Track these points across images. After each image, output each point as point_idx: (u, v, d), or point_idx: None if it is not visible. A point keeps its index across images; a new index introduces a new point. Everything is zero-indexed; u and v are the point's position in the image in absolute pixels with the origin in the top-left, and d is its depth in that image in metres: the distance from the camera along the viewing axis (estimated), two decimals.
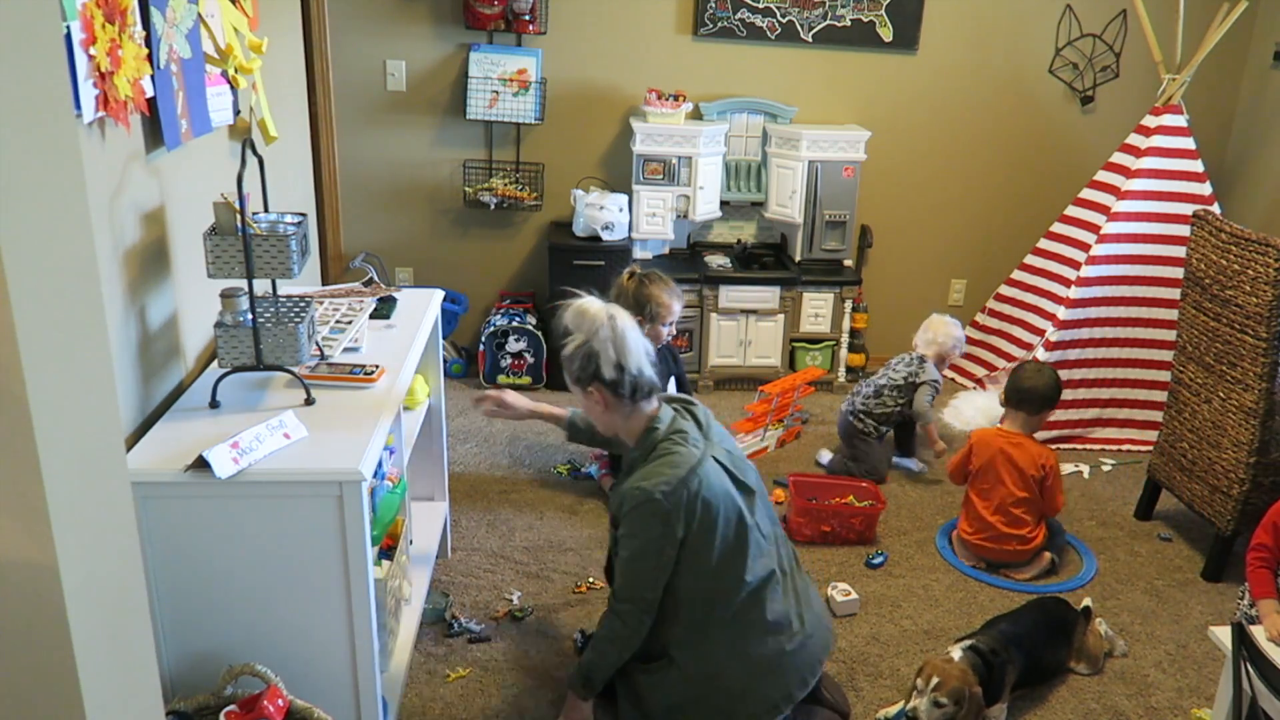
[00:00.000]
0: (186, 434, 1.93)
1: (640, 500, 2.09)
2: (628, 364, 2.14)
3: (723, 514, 2.12)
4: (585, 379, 2.17)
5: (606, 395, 2.17)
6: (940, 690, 2.27)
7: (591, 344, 2.14)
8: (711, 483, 2.12)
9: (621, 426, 2.22)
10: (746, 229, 4.60)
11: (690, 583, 2.15)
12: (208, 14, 2.23)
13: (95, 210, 1.78)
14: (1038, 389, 3.16)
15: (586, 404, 2.24)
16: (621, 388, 2.15)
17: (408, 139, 4.30)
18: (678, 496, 2.07)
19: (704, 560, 2.13)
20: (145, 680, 1.31)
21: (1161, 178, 3.99)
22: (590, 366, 2.15)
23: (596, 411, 2.23)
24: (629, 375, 2.14)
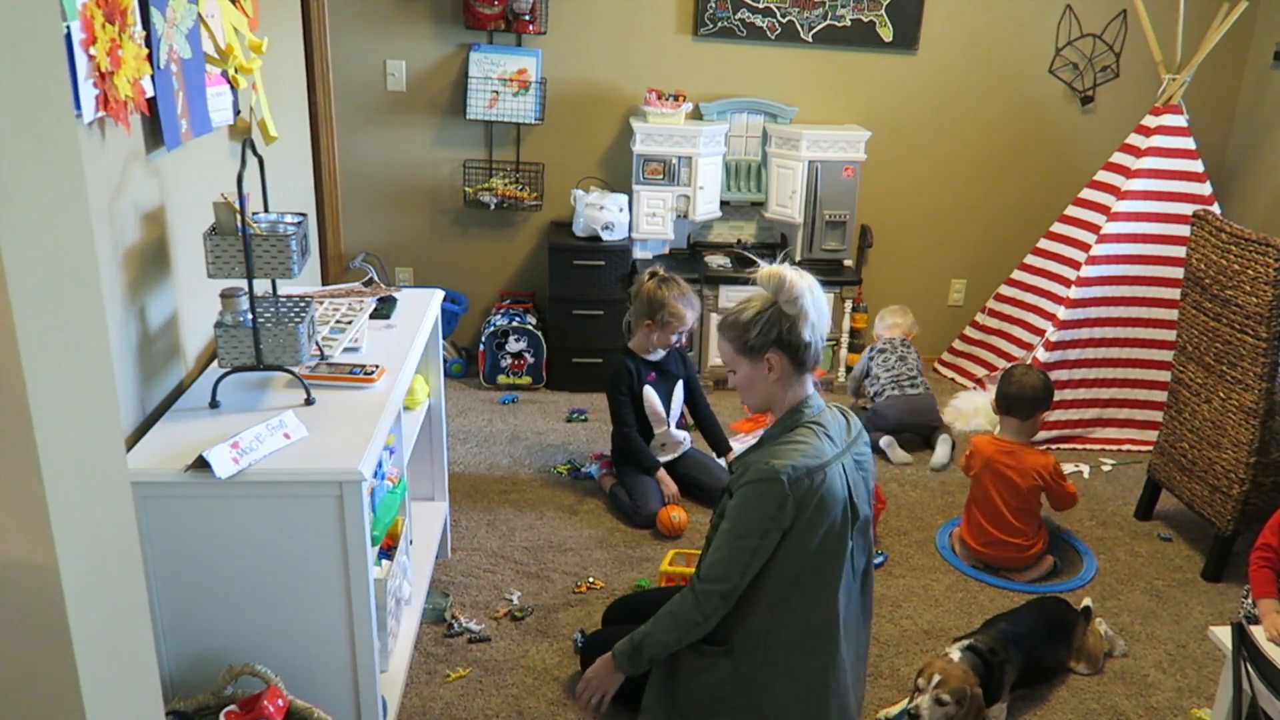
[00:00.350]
0: (186, 434, 1.93)
1: (764, 475, 1.98)
2: (818, 330, 2.07)
3: (829, 521, 2.02)
4: (764, 345, 2.06)
5: (785, 363, 2.07)
6: (942, 688, 2.27)
7: (784, 307, 2.04)
8: (834, 486, 2.02)
9: (780, 399, 2.12)
10: (746, 229, 4.60)
11: (778, 576, 2.04)
12: (208, 14, 2.23)
13: (95, 210, 1.78)
14: (1025, 393, 3.13)
15: (749, 375, 2.12)
16: (807, 355, 2.07)
17: (408, 139, 4.30)
18: (801, 485, 1.97)
19: (798, 559, 2.02)
20: (145, 680, 1.31)
21: (1161, 178, 3.99)
22: (773, 331, 2.05)
23: (761, 382, 2.11)
24: (816, 343, 2.08)
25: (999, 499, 3.08)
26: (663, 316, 3.27)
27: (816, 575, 2.05)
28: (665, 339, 3.33)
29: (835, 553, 2.05)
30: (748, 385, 2.15)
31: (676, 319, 3.28)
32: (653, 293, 3.28)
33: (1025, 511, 3.08)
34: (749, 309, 2.09)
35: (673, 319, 3.28)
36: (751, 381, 2.13)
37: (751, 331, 2.07)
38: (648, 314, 3.31)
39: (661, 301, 3.27)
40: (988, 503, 3.10)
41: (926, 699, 2.27)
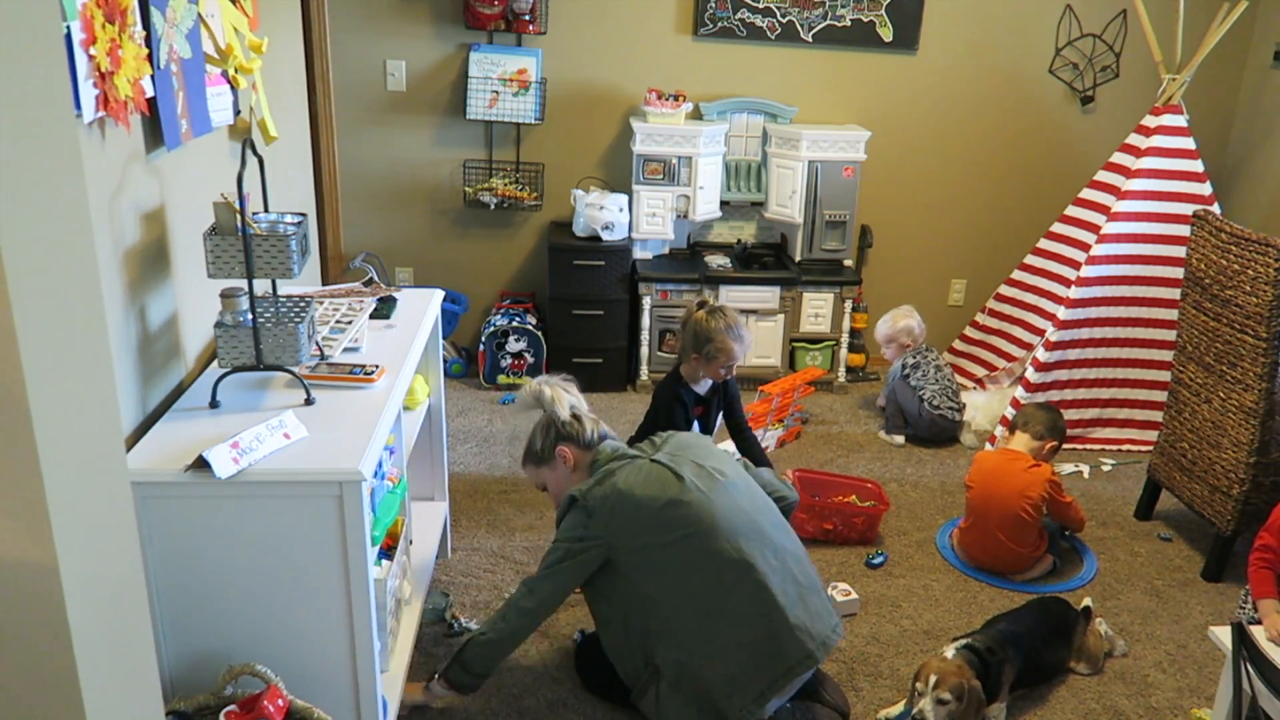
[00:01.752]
0: (186, 434, 1.93)
1: (566, 504, 2.30)
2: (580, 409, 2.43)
3: (652, 507, 2.21)
4: (550, 446, 2.40)
5: (574, 450, 2.39)
6: (941, 688, 2.28)
7: (544, 409, 2.41)
8: (633, 481, 2.25)
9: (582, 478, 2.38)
10: (746, 229, 4.60)
11: (644, 588, 2.23)
12: (208, 14, 2.23)
13: (95, 210, 1.78)
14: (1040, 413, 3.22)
15: (554, 478, 2.43)
16: (583, 435, 2.40)
17: (408, 139, 4.30)
18: (594, 494, 2.24)
19: (647, 562, 2.22)
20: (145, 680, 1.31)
21: (1161, 178, 3.99)
22: (551, 432, 2.41)
23: (565, 479, 2.41)
24: (585, 420, 2.41)
25: (993, 520, 3.06)
26: (709, 351, 3.07)
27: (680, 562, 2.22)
28: (714, 372, 3.12)
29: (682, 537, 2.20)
30: (560, 486, 2.43)
31: (724, 354, 3.07)
32: (701, 324, 3.07)
33: (1023, 525, 3.05)
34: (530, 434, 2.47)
35: (719, 354, 3.07)
36: (560, 481, 2.43)
37: (536, 443, 2.44)
38: (695, 347, 3.10)
39: (708, 336, 3.06)
40: (989, 511, 3.08)
41: (928, 701, 2.27)
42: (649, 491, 2.22)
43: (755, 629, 2.20)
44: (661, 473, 2.26)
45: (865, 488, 3.39)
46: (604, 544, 2.22)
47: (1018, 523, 3.03)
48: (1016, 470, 3.08)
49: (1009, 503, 3.03)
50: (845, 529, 3.25)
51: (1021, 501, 3.02)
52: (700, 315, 3.09)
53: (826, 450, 3.93)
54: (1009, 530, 3.04)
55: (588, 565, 2.25)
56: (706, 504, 2.23)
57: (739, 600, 2.20)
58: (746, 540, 2.24)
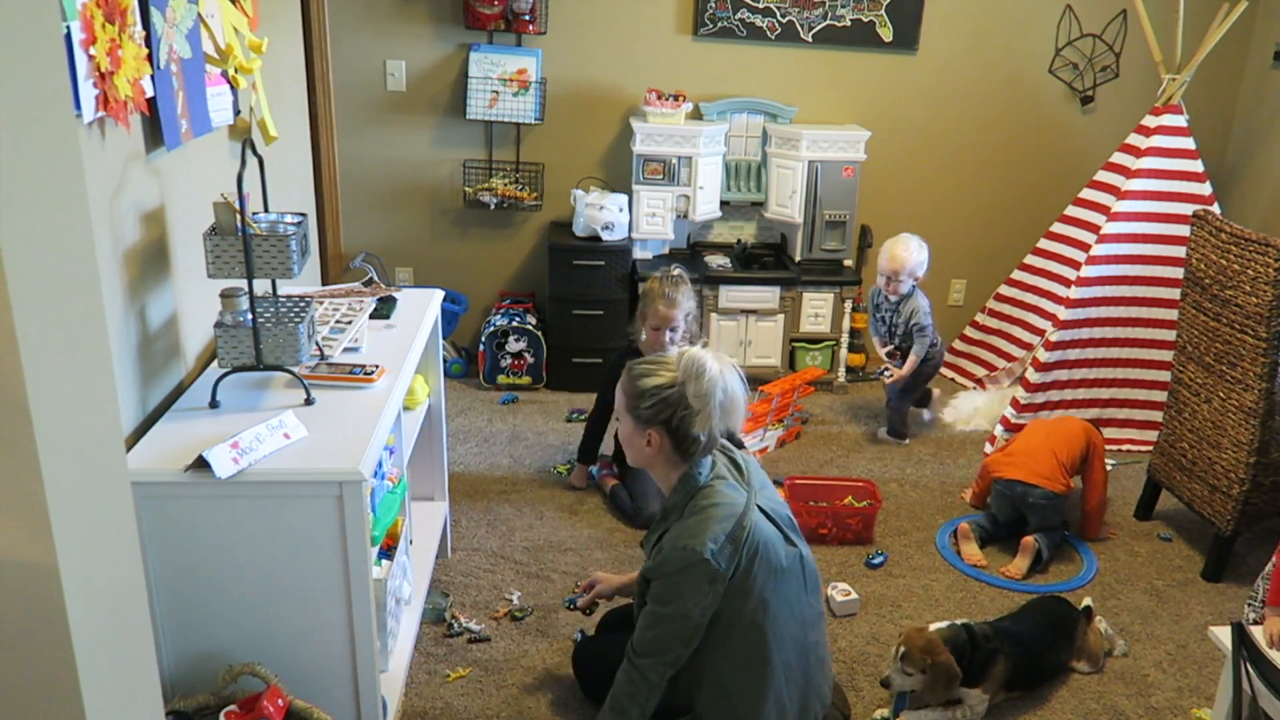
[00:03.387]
0: (186, 434, 1.93)
1: (688, 563, 1.93)
2: (714, 428, 2.02)
3: (766, 560, 1.98)
4: (650, 420, 2.02)
5: (667, 446, 2.03)
6: (907, 661, 2.37)
7: (688, 396, 1.98)
8: (761, 529, 1.99)
9: (661, 473, 2.10)
10: (746, 229, 4.60)
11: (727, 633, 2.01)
12: (208, 14, 2.23)
13: (95, 210, 1.78)
14: None
15: (630, 434, 2.08)
16: (694, 448, 2.02)
17: (408, 139, 4.30)
18: (726, 554, 1.93)
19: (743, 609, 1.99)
20: (145, 680, 1.31)
21: (1161, 178, 3.99)
22: (665, 413, 2.00)
23: (639, 447, 2.07)
24: (708, 438, 2.02)
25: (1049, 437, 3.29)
26: (642, 309, 3.23)
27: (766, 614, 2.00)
28: (654, 337, 3.19)
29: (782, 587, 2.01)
30: (627, 440, 2.11)
31: (653, 315, 3.18)
32: (648, 289, 3.23)
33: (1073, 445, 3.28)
34: (655, 377, 2.02)
35: (650, 315, 3.19)
36: (630, 440, 2.09)
37: (644, 401, 2.02)
38: (640, 311, 3.29)
39: (645, 295, 3.21)
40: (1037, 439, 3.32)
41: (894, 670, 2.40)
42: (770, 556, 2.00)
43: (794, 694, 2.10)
44: (771, 528, 2.04)
45: (859, 488, 3.39)
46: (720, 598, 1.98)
47: (1071, 439, 3.28)
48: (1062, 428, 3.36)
49: (1069, 426, 3.34)
50: (841, 530, 3.25)
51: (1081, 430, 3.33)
52: (652, 283, 3.20)
53: (826, 450, 3.93)
54: (1061, 443, 3.26)
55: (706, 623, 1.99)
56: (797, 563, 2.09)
57: (787, 662, 2.07)
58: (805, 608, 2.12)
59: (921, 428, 4.16)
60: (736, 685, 2.04)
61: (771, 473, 3.67)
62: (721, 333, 4.34)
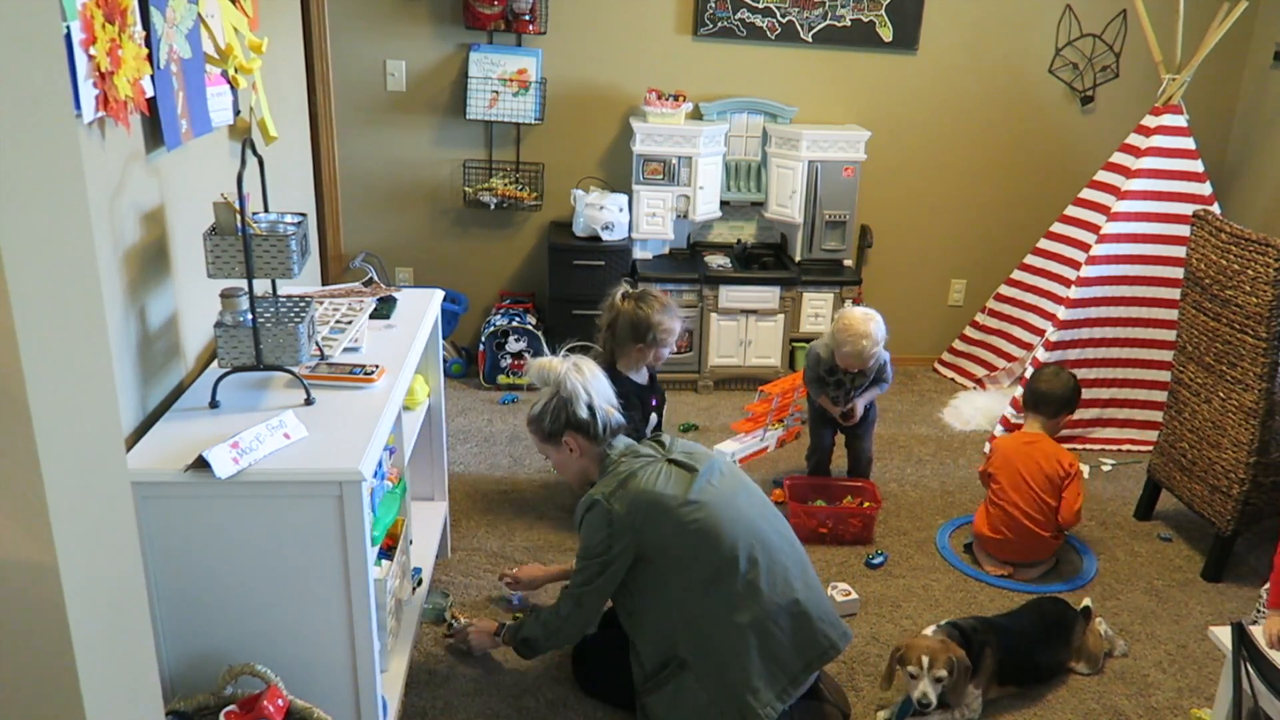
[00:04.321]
0: (186, 434, 1.93)
1: (588, 505, 2.25)
2: (596, 404, 2.32)
3: (675, 505, 2.20)
4: (558, 430, 2.33)
5: (581, 441, 2.33)
6: (936, 666, 2.33)
7: (560, 394, 2.31)
8: (655, 481, 2.22)
9: (594, 470, 2.36)
10: (746, 229, 4.60)
11: (671, 583, 2.22)
12: (208, 14, 2.23)
13: (95, 210, 1.78)
14: (1055, 392, 3.15)
15: (559, 458, 2.39)
16: (594, 428, 2.31)
17: (408, 139, 4.30)
18: (619, 497, 2.20)
19: (673, 557, 2.21)
20: (145, 680, 1.31)
21: (1161, 178, 3.99)
22: (561, 416, 2.31)
23: (571, 463, 2.37)
24: (599, 415, 2.32)
25: (1032, 483, 3.04)
26: (654, 336, 3.08)
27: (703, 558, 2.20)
28: (660, 354, 3.16)
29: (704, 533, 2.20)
30: (562, 467, 2.42)
31: (668, 333, 3.11)
32: (634, 314, 3.07)
33: (1051, 494, 3.05)
34: (539, 402, 2.36)
35: (664, 334, 3.10)
36: (564, 463, 2.40)
37: (544, 422, 2.35)
38: (635, 337, 3.09)
39: (647, 322, 3.06)
40: (1020, 489, 3.05)
41: (927, 682, 2.32)
42: (671, 490, 2.22)
43: (781, 623, 2.22)
44: (679, 472, 2.26)
45: (859, 488, 3.38)
46: (632, 544, 2.21)
47: (1043, 506, 3.04)
48: (1039, 454, 3.07)
49: (1046, 462, 3.05)
50: (840, 530, 3.25)
51: (1057, 463, 3.04)
52: (629, 306, 3.10)
53: None
54: (1035, 514, 3.04)
55: (621, 570, 2.25)
56: (726, 501, 2.25)
57: (767, 593, 2.21)
58: (765, 537, 2.27)
59: None
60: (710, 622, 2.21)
61: (771, 472, 3.68)
62: (721, 333, 4.34)
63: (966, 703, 2.42)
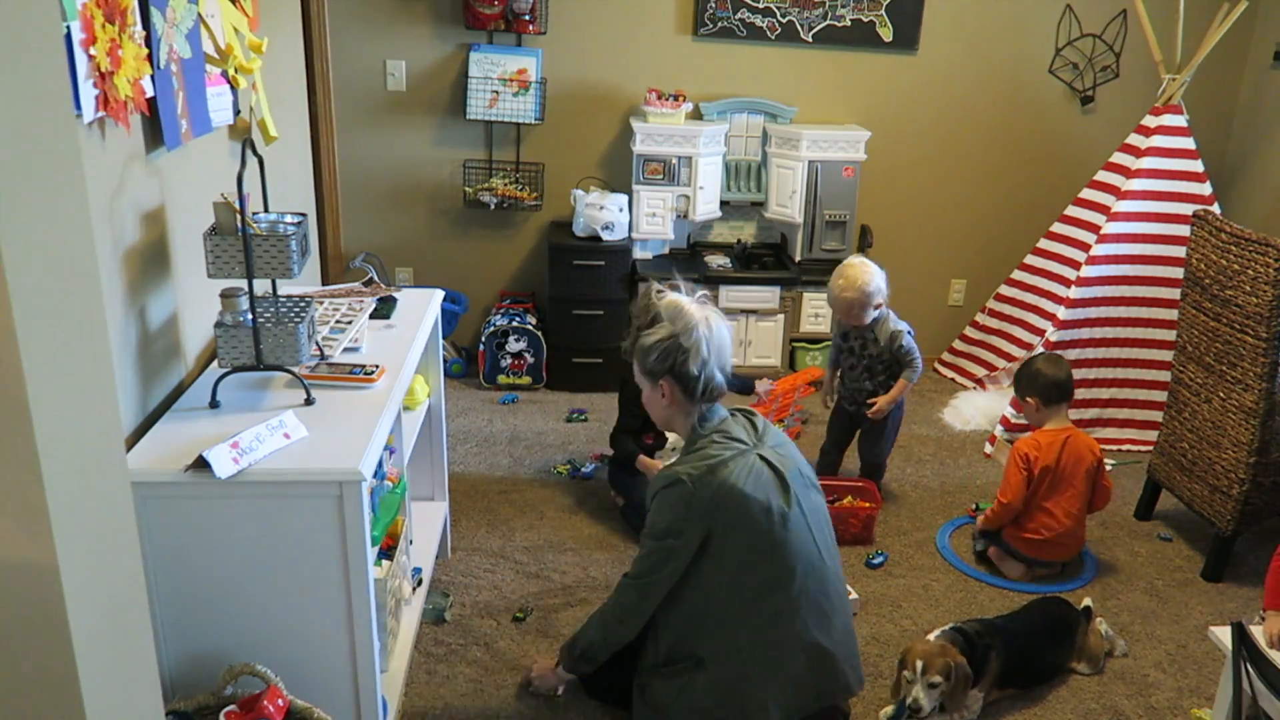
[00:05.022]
0: (186, 434, 1.93)
1: (668, 481, 2.12)
2: (710, 366, 2.18)
3: (757, 510, 2.10)
4: (660, 371, 2.19)
5: (677, 391, 2.19)
6: (930, 671, 2.31)
7: (680, 339, 2.16)
8: (744, 478, 2.11)
9: (679, 423, 2.26)
10: (746, 229, 4.60)
11: (720, 580, 2.13)
12: (208, 14, 2.23)
13: (95, 210, 1.78)
14: (1069, 377, 3.15)
15: (650, 395, 2.26)
16: (696, 386, 2.18)
17: (408, 139, 4.30)
18: (705, 484, 2.08)
19: (734, 558, 2.11)
20: (145, 680, 1.31)
21: (1161, 178, 3.99)
22: (668, 361, 2.17)
23: (658, 404, 2.25)
24: (706, 376, 2.18)
25: (1069, 482, 3.04)
26: None
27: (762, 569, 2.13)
28: None
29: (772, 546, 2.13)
30: (649, 404, 2.30)
31: None
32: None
33: (1088, 485, 3.08)
34: (653, 335, 2.21)
35: None
36: (650, 402, 2.29)
37: (650, 357, 2.20)
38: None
39: None
40: (1072, 488, 3.04)
41: (920, 688, 2.31)
42: (758, 494, 2.11)
43: (810, 654, 2.18)
44: (769, 474, 2.16)
45: (859, 488, 3.38)
46: (702, 533, 2.11)
47: (1084, 499, 3.07)
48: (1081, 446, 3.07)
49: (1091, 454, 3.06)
50: (841, 530, 3.25)
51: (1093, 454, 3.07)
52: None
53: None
54: (1076, 511, 3.06)
55: (688, 559, 2.14)
56: (804, 525, 2.18)
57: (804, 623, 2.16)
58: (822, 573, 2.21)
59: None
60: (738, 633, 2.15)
61: None
62: None
63: (966, 704, 2.42)
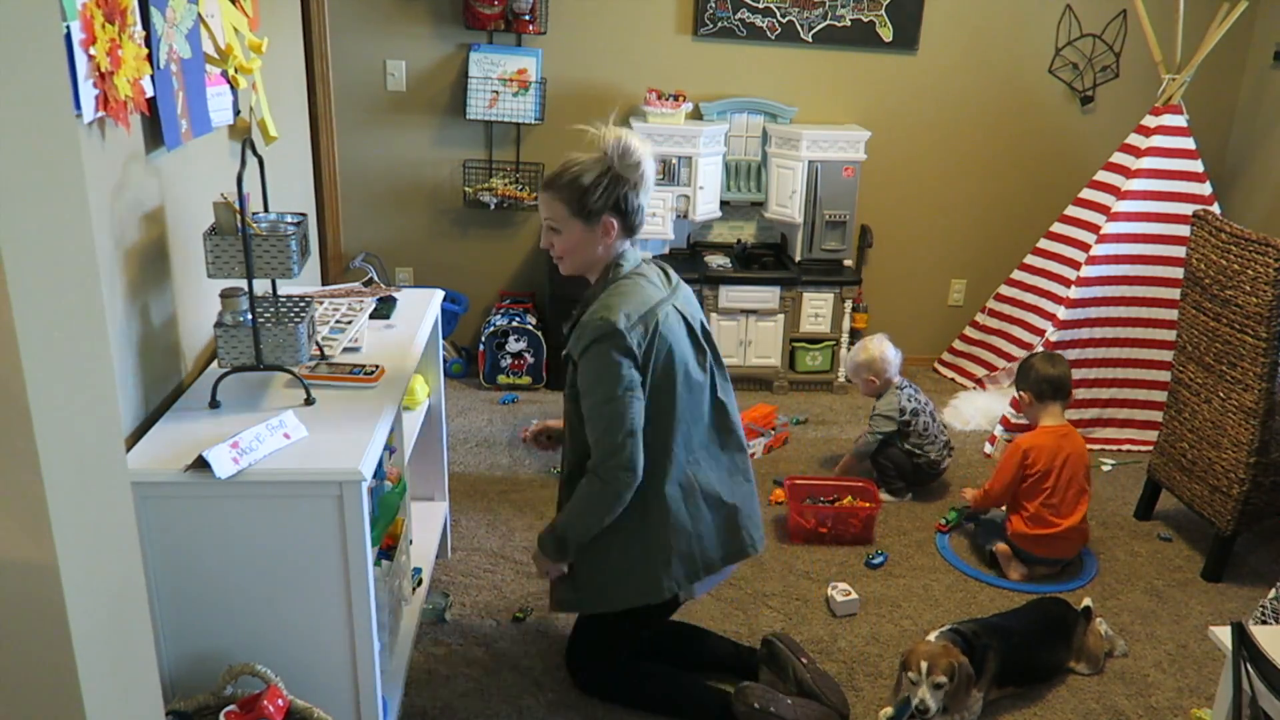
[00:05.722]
0: (186, 434, 1.93)
1: (602, 332, 2.02)
2: (646, 199, 2.16)
3: (680, 361, 2.11)
4: (602, 208, 2.11)
5: (617, 228, 2.14)
6: (936, 672, 2.31)
7: (623, 173, 2.11)
8: (672, 326, 2.10)
9: (600, 261, 2.18)
10: (746, 229, 4.60)
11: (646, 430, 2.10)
12: (208, 14, 2.23)
13: (95, 210, 1.78)
14: (1068, 374, 3.18)
15: (580, 237, 2.14)
16: (637, 218, 2.15)
17: (408, 139, 4.30)
18: (638, 330, 2.05)
19: (661, 409, 2.11)
20: (145, 680, 1.31)
21: (1161, 178, 3.99)
22: (612, 195, 2.11)
23: (589, 246, 2.15)
24: (642, 209, 2.16)
25: (1072, 478, 3.08)
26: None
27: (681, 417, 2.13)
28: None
29: (695, 394, 2.15)
30: (575, 248, 2.16)
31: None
32: None
33: (1088, 482, 3.13)
34: (589, 172, 2.12)
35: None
36: (581, 244, 2.15)
37: (592, 195, 2.10)
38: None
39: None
40: (1067, 488, 3.06)
41: (926, 688, 2.31)
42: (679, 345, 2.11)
43: (713, 508, 2.24)
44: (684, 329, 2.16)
45: (859, 488, 3.38)
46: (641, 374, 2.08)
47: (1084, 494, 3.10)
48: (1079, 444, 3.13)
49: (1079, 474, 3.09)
50: (841, 530, 3.25)
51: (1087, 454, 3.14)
52: None
53: (827, 450, 3.92)
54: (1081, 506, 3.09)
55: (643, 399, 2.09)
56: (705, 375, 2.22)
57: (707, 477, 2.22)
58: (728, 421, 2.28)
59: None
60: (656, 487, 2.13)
61: (771, 472, 3.68)
62: (721, 333, 4.34)
63: (968, 705, 2.42)
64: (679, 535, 2.20)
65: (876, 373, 3.58)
